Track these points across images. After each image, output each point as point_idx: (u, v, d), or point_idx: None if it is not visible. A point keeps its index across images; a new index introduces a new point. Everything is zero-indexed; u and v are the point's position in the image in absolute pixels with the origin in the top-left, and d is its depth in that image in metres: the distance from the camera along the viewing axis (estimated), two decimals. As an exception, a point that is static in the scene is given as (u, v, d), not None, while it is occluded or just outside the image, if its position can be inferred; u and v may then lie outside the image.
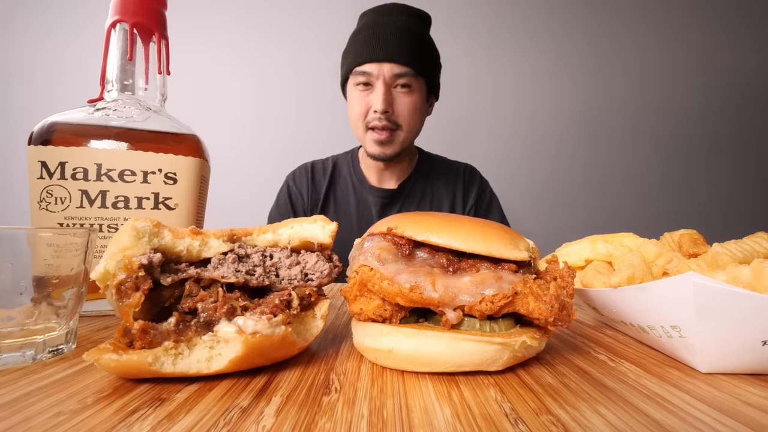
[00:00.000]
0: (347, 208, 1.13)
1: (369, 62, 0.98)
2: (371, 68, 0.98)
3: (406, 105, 1.00)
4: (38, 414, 0.23)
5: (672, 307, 0.31)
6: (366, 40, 0.99)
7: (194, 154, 0.51)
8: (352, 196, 1.14)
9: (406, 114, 1.01)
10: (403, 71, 0.97)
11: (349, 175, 1.16)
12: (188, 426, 0.22)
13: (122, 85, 0.52)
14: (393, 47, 0.96)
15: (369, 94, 1.00)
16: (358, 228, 1.11)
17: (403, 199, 1.13)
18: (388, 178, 1.13)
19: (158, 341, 0.28)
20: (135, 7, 0.51)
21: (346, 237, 1.08)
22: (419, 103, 1.03)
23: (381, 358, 0.32)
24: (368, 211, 1.12)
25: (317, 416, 0.23)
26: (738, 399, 0.27)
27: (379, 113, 0.98)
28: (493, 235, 0.33)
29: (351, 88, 1.04)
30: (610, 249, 0.50)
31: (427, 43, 1.04)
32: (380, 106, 0.97)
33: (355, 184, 1.15)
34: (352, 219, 1.12)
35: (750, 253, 0.38)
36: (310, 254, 0.35)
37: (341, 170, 1.18)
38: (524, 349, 0.31)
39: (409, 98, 1.00)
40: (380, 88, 0.97)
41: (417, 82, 1.01)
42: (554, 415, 0.24)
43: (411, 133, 1.05)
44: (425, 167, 1.18)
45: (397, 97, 1.00)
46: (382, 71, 0.97)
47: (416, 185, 1.15)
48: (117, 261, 0.28)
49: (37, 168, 0.45)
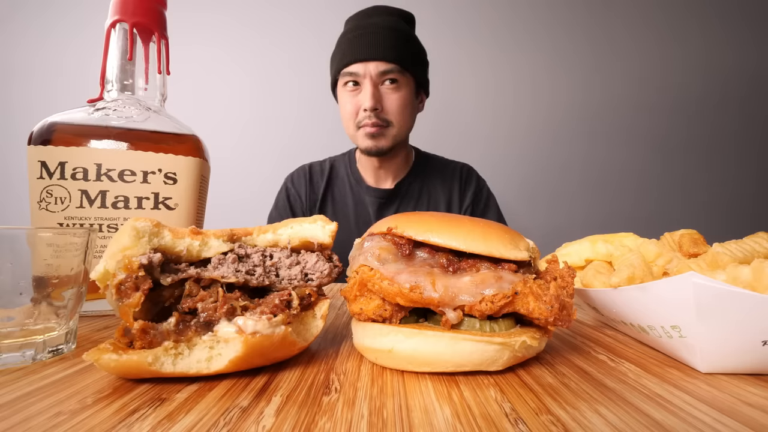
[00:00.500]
0: (345, 209, 1.14)
1: (355, 62, 0.99)
2: (357, 68, 0.99)
3: (394, 101, 1.01)
4: (38, 414, 0.23)
5: (672, 307, 0.31)
6: (351, 41, 1.01)
7: (194, 154, 0.51)
8: (350, 197, 1.15)
9: (395, 110, 1.02)
10: (389, 68, 0.99)
11: (347, 176, 1.17)
12: (188, 426, 0.22)
13: (122, 85, 0.52)
14: (376, 45, 0.98)
15: (358, 94, 1.02)
16: (356, 228, 1.12)
17: (400, 199, 1.14)
18: (385, 177, 1.14)
19: (158, 341, 0.28)
20: (135, 7, 0.51)
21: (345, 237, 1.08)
22: (408, 99, 1.04)
23: (381, 358, 0.32)
24: (366, 212, 1.13)
25: (317, 416, 0.23)
26: (738, 399, 0.27)
27: (369, 111, 0.99)
28: (493, 235, 0.33)
29: (341, 90, 1.05)
30: (610, 249, 0.50)
31: (412, 39, 1.06)
32: (369, 104, 0.98)
33: (353, 185, 1.15)
34: (350, 219, 1.13)
35: (750, 253, 0.38)
36: (310, 254, 0.35)
37: (338, 171, 1.19)
38: (524, 349, 0.31)
39: (397, 94, 1.01)
40: (368, 87, 0.99)
41: (404, 77, 1.02)
42: (554, 415, 0.24)
43: (402, 129, 1.06)
44: (422, 166, 1.18)
45: (386, 94, 1.01)
46: (368, 70, 0.99)
47: (413, 185, 1.15)
48: (117, 261, 0.28)
49: (37, 168, 0.45)
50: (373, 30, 1.00)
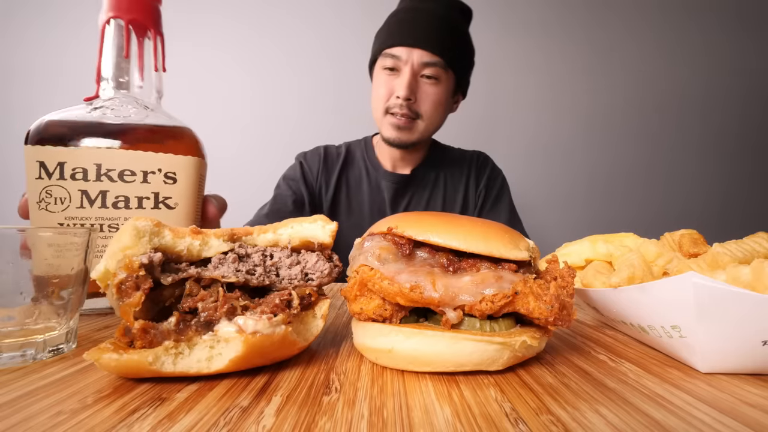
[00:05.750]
0: (359, 194, 1.12)
1: (399, 46, 0.95)
2: (400, 52, 0.95)
3: (429, 96, 0.97)
4: (38, 414, 0.23)
5: (672, 307, 0.31)
6: (400, 22, 0.97)
7: (193, 153, 0.51)
8: (365, 181, 1.12)
9: (428, 105, 0.98)
10: (433, 60, 0.94)
11: (363, 161, 1.14)
12: (188, 426, 0.22)
13: (118, 83, 0.51)
14: (425, 34, 0.93)
15: (395, 79, 0.97)
16: (370, 214, 1.09)
17: (416, 185, 1.12)
18: (402, 166, 1.12)
19: (158, 341, 0.28)
20: (130, 3, 0.50)
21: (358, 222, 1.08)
22: (444, 97, 1.00)
23: (381, 358, 0.32)
24: (381, 197, 1.11)
25: (317, 416, 0.23)
26: (738, 399, 0.27)
27: (402, 99, 0.95)
28: (493, 235, 0.33)
29: (378, 71, 1.01)
30: (610, 249, 0.50)
31: (463, 36, 1.01)
32: (403, 92, 0.94)
33: (369, 170, 1.13)
34: (365, 204, 1.11)
35: (750, 253, 0.38)
36: (310, 254, 0.35)
37: (355, 155, 1.16)
38: (524, 348, 0.31)
39: (434, 89, 0.97)
40: (406, 74, 0.94)
41: (445, 74, 0.97)
42: (554, 415, 0.24)
43: (431, 125, 1.02)
44: (438, 155, 1.16)
45: (422, 87, 0.97)
46: (411, 57, 0.94)
47: (429, 172, 1.13)
48: (117, 260, 0.28)
49: (36, 168, 0.45)
50: (426, 16, 0.95)
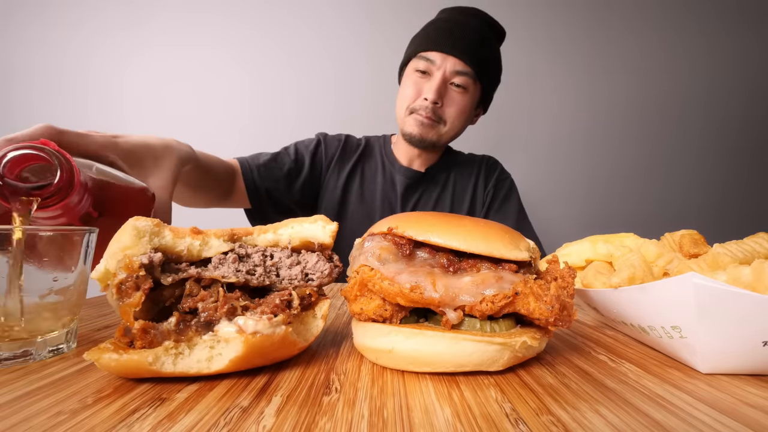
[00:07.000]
0: (373, 184, 1.15)
1: (435, 50, 0.99)
2: (435, 57, 0.99)
3: (456, 103, 1.02)
4: (38, 413, 0.23)
5: (672, 307, 0.31)
6: (438, 30, 1.02)
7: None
8: (380, 174, 1.15)
9: (453, 112, 1.02)
10: (464, 69, 0.99)
11: (380, 155, 1.18)
12: (188, 426, 0.22)
13: None
14: (461, 43, 0.98)
15: (425, 82, 1.02)
16: (381, 206, 1.12)
17: (427, 183, 1.15)
18: (417, 163, 1.15)
19: (159, 341, 0.28)
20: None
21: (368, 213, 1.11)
22: (468, 107, 1.05)
23: (381, 358, 0.32)
24: (393, 190, 1.14)
25: (317, 416, 0.23)
26: (738, 399, 0.27)
27: (429, 102, 0.99)
28: (493, 235, 0.33)
29: (409, 71, 1.05)
30: (610, 249, 0.50)
31: (495, 54, 1.07)
32: (432, 95, 0.98)
33: (386, 163, 1.17)
34: (377, 195, 1.14)
35: (750, 253, 0.38)
36: (310, 254, 0.35)
37: (373, 148, 1.20)
38: (524, 349, 0.31)
39: (461, 97, 1.02)
40: (437, 79, 0.98)
41: (474, 85, 1.02)
42: (555, 416, 0.24)
43: (451, 131, 1.06)
44: (450, 159, 1.21)
45: (450, 93, 1.01)
46: (444, 63, 0.99)
47: (441, 172, 1.17)
48: (118, 260, 0.28)
49: None
50: (464, 28, 1.00)
